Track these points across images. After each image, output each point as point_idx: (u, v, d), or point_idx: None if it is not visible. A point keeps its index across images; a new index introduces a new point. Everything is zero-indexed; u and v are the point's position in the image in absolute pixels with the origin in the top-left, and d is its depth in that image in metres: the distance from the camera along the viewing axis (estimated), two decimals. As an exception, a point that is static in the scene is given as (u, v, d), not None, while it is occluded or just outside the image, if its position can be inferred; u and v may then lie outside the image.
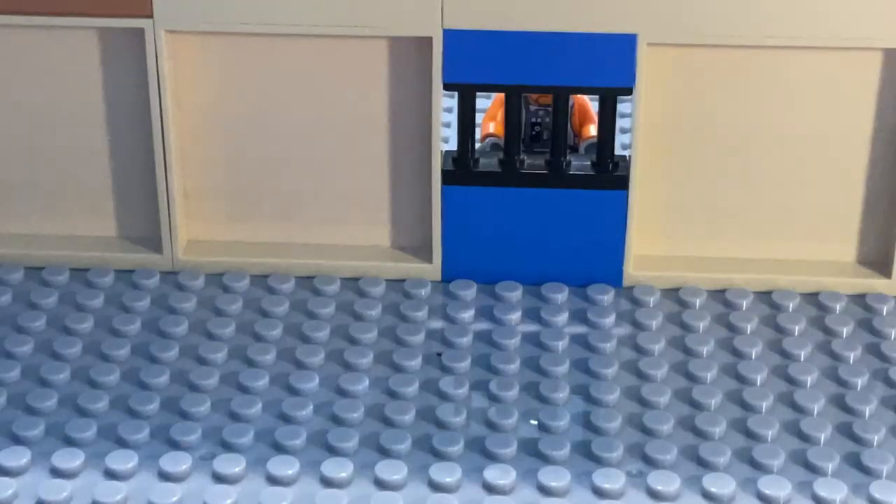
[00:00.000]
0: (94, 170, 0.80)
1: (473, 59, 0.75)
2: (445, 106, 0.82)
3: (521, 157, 0.79)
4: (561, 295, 0.78)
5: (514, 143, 0.78)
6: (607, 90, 0.76)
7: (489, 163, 0.79)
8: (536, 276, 0.79)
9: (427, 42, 0.75)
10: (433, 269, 0.80)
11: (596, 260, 0.79)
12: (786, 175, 0.79)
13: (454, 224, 0.79)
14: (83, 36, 0.77)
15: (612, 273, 0.79)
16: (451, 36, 0.74)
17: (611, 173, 0.78)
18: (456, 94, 0.78)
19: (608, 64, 0.75)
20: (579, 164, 0.79)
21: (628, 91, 0.76)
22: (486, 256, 0.79)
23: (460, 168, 0.78)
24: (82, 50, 0.77)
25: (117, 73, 0.77)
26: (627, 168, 0.78)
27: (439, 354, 0.74)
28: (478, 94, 0.78)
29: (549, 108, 0.79)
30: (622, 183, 0.78)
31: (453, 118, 0.80)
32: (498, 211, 0.78)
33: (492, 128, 0.83)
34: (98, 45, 0.77)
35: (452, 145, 0.79)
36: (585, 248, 0.79)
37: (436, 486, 0.66)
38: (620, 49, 0.74)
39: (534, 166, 0.78)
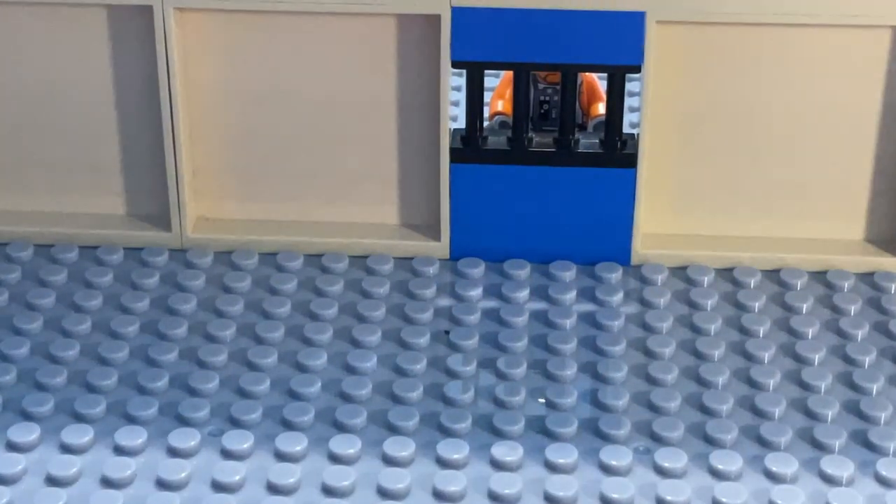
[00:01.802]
0: (103, 147, 0.80)
1: (482, 37, 0.75)
2: (454, 84, 0.82)
3: (530, 135, 0.79)
4: (569, 273, 0.78)
5: (522, 121, 0.78)
6: (615, 68, 0.76)
7: (497, 141, 0.79)
8: (544, 254, 0.79)
9: (435, 19, 0.75)
10: (441, 247, 0.80)
11: (604, 238, 0.79)
12: (794, 153, 0.79)
13: (462, 202, 0.79)
14: (92, 14, 0.77)
15: (620, 251, 0.79)
16: (459, 14, 0.74)
17: (619, 151, 0.78)
18: (464, 71, 0.78)
19: (616, 42, 0.75)
20: (588, 142, 0.79)
21: (637, 69, 0.76)
22: (494, 234, 0.79)
23: (469, 146, 0.78)
24: (91, 28, 0.77)
25: (126, 51, 0.77)
26: (636, 146, 0.78)
27: (447, 332, 0.74)
28: (486, 72, 0.78)
29: (558, 87, 0.78)
30: (630, 161, 0.77)
31: (461, 96, 0.80)
32: (506, 189, 0.78)
33: (500, 106, 0.83)
34: (107, 22, 0.77)
35: (460, 123, 0.79)
36: (593, 227, 0.79)
37: (443, 463, 0.66)
38: (629, 27, 0.74)
39: (542, 144, 0.78)
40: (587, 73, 0.82)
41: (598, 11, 0.74)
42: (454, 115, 0.81)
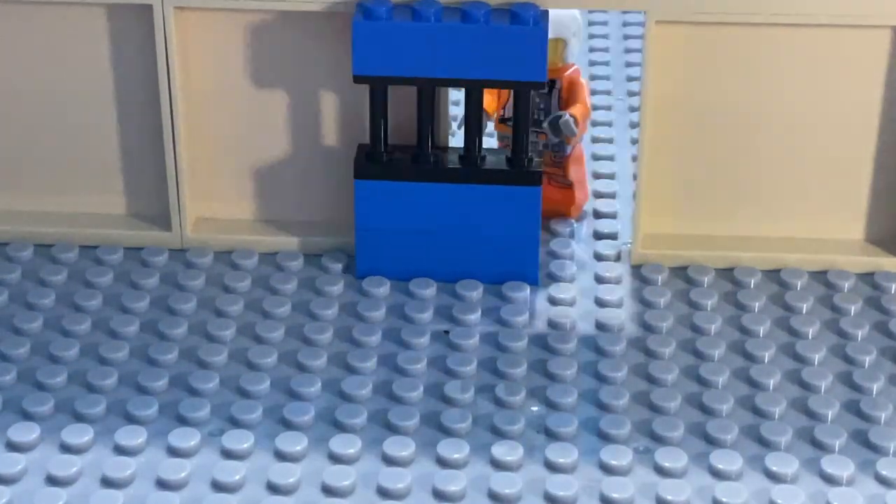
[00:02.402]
0: (103, 147, 0.80)
1: (384, 52, 0.73)
2: (453, 99, 0.80)
3: (435, 151, 0.76)
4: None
5: (426, 136, 0.76)
6: (520, 84, 0.74)
7: (402, 157, 0.77)
8: (452, 273, 0.77)
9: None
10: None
11: (511, 257, 0.77)
12: (794, 153, 0.79)
13: (367, 219, 0.77)
14: (92, 14, 0.77)
15: (527, 270, 0.77)
16: (360, 28, 0.73)
17: (525, 169, 0.76)
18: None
19: (520, 58, 0.73)
20: (494, 159, 0.77)
21: (542, 85, 0.74)
22: (400, 252, 0.77)
23: (372, 162, 0.76)
24: (91, 27, 0.77)
25: (126, 51, 0.77)
26: (541, 164, 0.76)
27: (447, 332, 0.74)
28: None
29: (545, 92, 0.77)
30: (536, 179, 0.76)
31: (459, 111, 0.78)
32: (411, 206, 0.76)
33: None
34: (106, 22, 0.77)
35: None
36: (500, 245, 0.77)
37: (443, 463, 0.66)
38: (531, 43, 0.73)
39: (447, 161, 0.76)
40: (569, 73, 0.80)
41: (501, 27, 0.72)
42: (453, 132, 0.80)
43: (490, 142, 0.80)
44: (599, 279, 0.78)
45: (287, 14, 0.76)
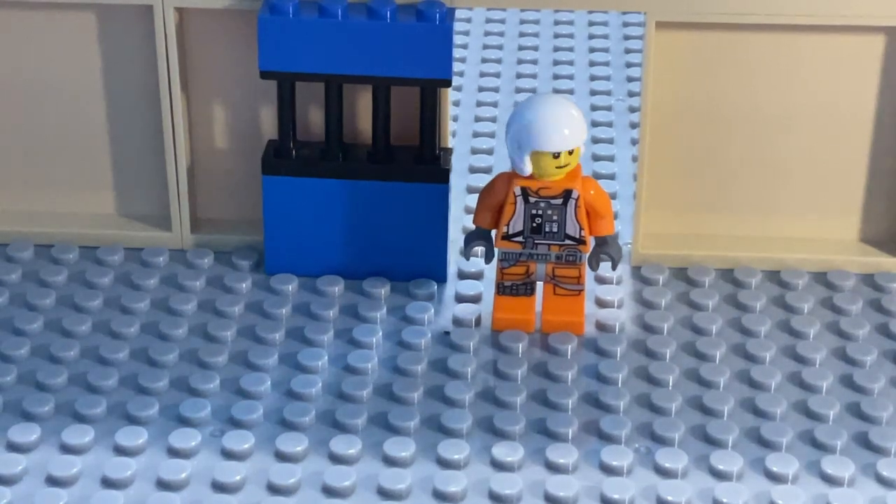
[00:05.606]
0: (103, 147, 0.80)
1: (291, 48, 0.73)
2: (453, 99, 0.80)
3: (344, 147, 0.76)
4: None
5: (335, 132, 0.76)
6: (426, 82, 0.74)
7: (310, 153, 0.76)
8: (360, 270, 0.77)
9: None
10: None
11: (419, 254, 0.77)
12: (795, 154, 0.79)
13: (275, 215, 0.76)
14: (92, 14, 0.77)
15: (435, 267, 0.77)
16: (266, 23, 0.72)
17: (433, 166, 0.76)
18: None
19: (426, 56, 0.73)
20: (403, 155, 0.76)
21: (447, 83, 0.74)
22: (308, 249, 0.77)
23: (280, 158, 0.76)
24: (91, 27, 0.77)
25: (126, 51, 0.77)
26: (450, 161, 0.76)
27: (447, 333, 0.74)
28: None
29: (551, 201, 0.73)
30: (444, 176, 0.75)
31: (460, 111, 0.77)
32: (319, 202, 0.76)
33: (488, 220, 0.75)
34: (107, 22, 0.77)
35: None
36: (408, 242, 0.76)
37: (444, 463, 0.66)
38: (438, 41, 0.72)
39: (355, 157, 0.76)
40: (587, 191, 0.74)
41: (407, 24, 0.72)
42: (453, 131, 0.80)
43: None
44: (599, 280, 0.78)
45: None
